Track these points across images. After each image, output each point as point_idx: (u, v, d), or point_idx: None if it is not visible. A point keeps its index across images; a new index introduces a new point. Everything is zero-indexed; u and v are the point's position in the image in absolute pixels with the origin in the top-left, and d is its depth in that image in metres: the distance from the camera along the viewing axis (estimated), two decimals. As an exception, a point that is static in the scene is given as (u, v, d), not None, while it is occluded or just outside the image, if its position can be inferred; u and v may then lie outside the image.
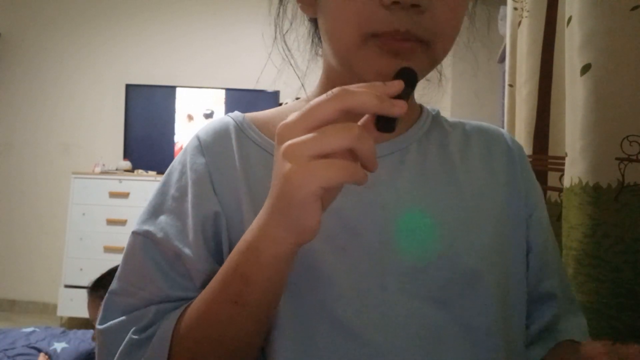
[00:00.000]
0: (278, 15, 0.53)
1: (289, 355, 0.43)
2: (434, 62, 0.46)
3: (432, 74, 0.57)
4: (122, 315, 0.46)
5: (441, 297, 0.45)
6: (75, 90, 3.42)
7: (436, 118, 0.57)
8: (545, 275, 0.52)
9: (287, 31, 0.54)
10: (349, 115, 0.34)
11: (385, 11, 0.41)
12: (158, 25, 3.42)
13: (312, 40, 0.56)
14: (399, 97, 0.36)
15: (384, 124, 0.35)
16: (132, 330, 0.44)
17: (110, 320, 0.46)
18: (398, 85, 0.36)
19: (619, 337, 0.57)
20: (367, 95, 0.34)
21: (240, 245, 0.40)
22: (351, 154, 0.33)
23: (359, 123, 0.36)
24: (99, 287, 1.38)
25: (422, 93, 0.57)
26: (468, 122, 0.58)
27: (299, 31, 0.55)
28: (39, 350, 1.84)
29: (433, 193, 0.49)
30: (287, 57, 0.54)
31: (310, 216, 0.34)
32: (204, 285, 0.45)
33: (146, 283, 0.46)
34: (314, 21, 0.54)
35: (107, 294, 0.48)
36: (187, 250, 0.46)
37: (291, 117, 0.35)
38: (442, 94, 0.61)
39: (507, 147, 0.55)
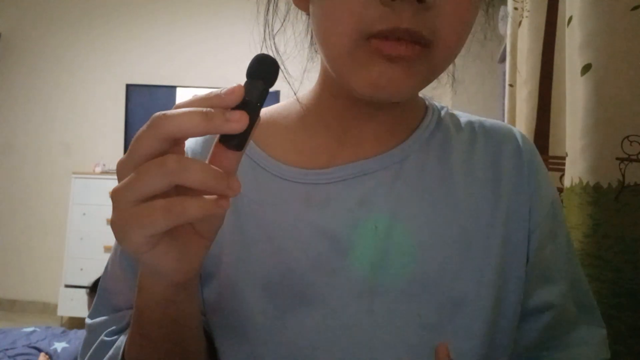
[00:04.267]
0: (268, 11, 0.47)
1: None
2: (432, 72, 0.40)
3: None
4: (107, 314, 0.47)
5: (429, 322, 0.43)
6: (75, 90, 3.42)
7: (441, 120, 0.51)
8: (538, 287, 0.48)
9: (277, 31, 0.48)
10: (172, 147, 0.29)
11: (384, 8, 0.35)
12: (159, 26, 3.42)
13: (311, 38, 0.51)
14: (247, 103, 0.29)
15: (230, 140, 0.29)
16: (105, 331, 0.45)
17: (96, 317, 0.47)
18: (238, 92, 0.29)
19: (619, 337, 0.57)
20: (186, 116, 0.27)
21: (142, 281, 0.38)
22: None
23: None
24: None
25: (423, 93, 0.55)
26: (480, 121, 0.52)
27: (296, 27, 0.50)
28: (40, 350, 1.84)
29: (430, 213, 0.45)
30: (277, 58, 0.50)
31: (157, 263, 0.30)
32: None
33: (124, 287, 0.46)
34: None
35: (98, 289, 0.49)
36: None
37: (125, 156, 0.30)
38: (442, 94, 0.58)
39: (518, 149, 0.50)
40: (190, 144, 0.48)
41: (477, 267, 0.45)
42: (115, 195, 0.28)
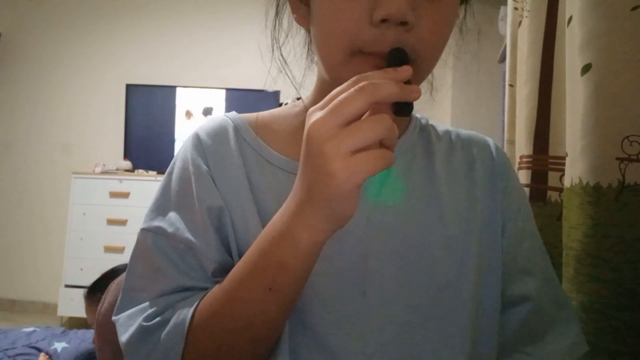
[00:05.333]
0: (274, 27, 0.55)
1: None
2: (420, 78, 0.48)
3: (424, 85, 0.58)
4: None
5: (418, 305, 0.48)
6: (75, 90, 3.42)
7: (424, 128, 0.58)
8: (514, 280, 0.53)
9: (282, 43, 0.55)
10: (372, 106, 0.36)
11: (374, 29, 0.42)
12: (159, 26, 3.42)
13: (308, 50, 0.57)
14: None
15: (403, 109, 0.38)
16: (141, 317, 0.45)
17: (123, 311, 0.48)
18: (407, 71, 0.38)
19: (619, 337, 0.57)
20: (390, 85, 0.36)
21: (271, 234, 0.41)
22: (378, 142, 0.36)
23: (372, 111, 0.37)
24: (96, 291, 1.38)
25: (423, 93, 0.58)
26: (456, 131, 0.60)
27: (296, 40, 0.56)
28: (40, 350, 1.84)
29: (416, 207, 0.51)
30: (283, 68, 0.55)
31: (351, 205, 0.36)
32: (215, 274, 0.47)
33: (158, 276, 0.47)
34: (309, 31, 0.55)
35: (121, 291, 0.49)
36: (198, 241, 0.47)
37: (318, 115, 0.36)
38: (443, 94, 0.62)
39: (491, 158, 0.57)
40: (203, 135, 0.53)
41: (459, 255, 0.50)
42: (332, 148, 0.34)
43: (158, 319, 0.45)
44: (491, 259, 0.52)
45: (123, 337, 0.46)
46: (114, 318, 0.48)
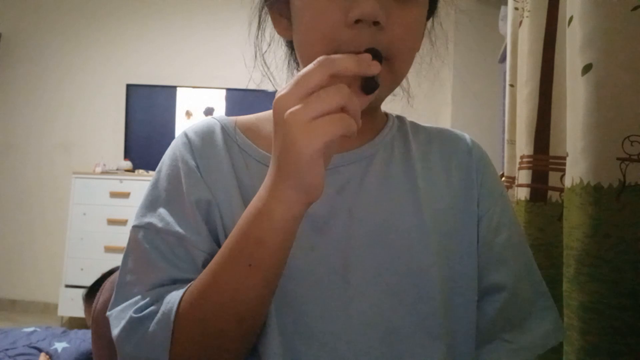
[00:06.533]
0: (257, 37, 0.59)
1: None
2: (396, 77, 0.51)
3: (430, 77, 0.62)
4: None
5: (395, 290, 0.50)
6: (76, 90, 3.42)
7: (401, 125, 0.61)
8: (491, 269, 0.55)
9: (265, 51, 0.59)
10: (333, 81, 0.38)
11: (349, 31, 0.45)
12: (159, 26, 3.42)
13: (289, 62, 0.61)
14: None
15: (369, 86, 0.41)
16: (132, 310, 0.46)
17: (116, 307, 0.49)
18: (375, 65, 0.41)
19: (619, 337, 0.57)
20: (347, 59, 0.39)
21: (249, 211, 0.43)
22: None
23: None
24: (94, 292, 1.38)
25: (424, 94, 0.60)
26: (432, 127, 0.63)
27: (277, 53, 0.61)
28: (40, 350, 1.84)
29: (395, 199, 0.54)
30: (267, 74, 0.59)
31: (316, 173, 0.38)
32: (205, 265, 0.47)
33: (149, 270, 0.48)
34: (290, 44, 0.59)
35: (114, 288, 0.50)
36: (188, 233, 0.49)
37: (284, 89, 0.39)
38: (442, 94, 0.63)
39: (467, 151, 0.60)
40: (192, 135, 0.55)
41: (434, 242, 0.52)
42: (293, 115, 0.37)
43: (148, 309, 0.46)
44: (465, 248, 0.55)
45: (115, 331, 0.46)
46: (107, 313, 0.49)
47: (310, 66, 0.39)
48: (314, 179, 0.39)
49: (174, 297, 0.45)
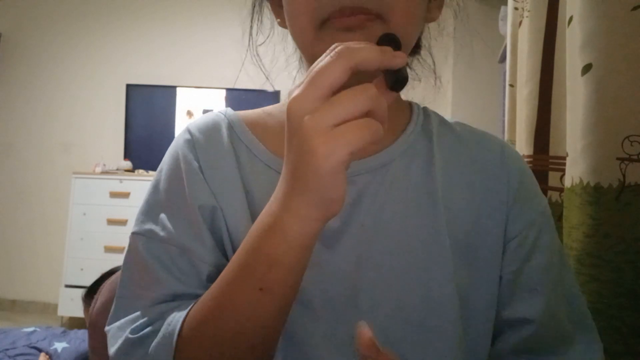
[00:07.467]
0: (252, 28, 0.56)
1: None
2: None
3: (430, 77, 0.57)
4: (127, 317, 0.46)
5: (410, 317, 0.45)
6: (76, 90, 3.42)
7: (426, 124, 0.53)
8: (515, 300, 0.49)
9: (261, 44, 0.56)
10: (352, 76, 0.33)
11: None
12: (159, 26, 3.42)
13: (300, 59, 0.58)
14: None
15: (398, 81, 0.35)
16: (129, 329, 0.43)
17: (116, 322, 0.46)
18: (401, 56, 0.35)
19: (619, 337, 0.57)
20: (368, 49, 0.33)
21: (258, 227, 0.37)
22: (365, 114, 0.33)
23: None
24: (93, 292, 1.38)
25: (424, 94, 0.58)
26: (463, 127, 0.55)
27: (276, 50, 0.57)
28: (40, 350, 1.84)
29: (412, 215, 0.48)
30: (259, 65, 0.56)
31: (338, 187, 0.33)
32: (210, 279, 0.43)
33: (151, 283, 0.45)
34: None
35: (114, 299, 0.47)
36: (192, 243, 0.45)
37: (298, 89, 0.33)
38: (442, 94, 0.61)
39: (500, 163, 0.52)
40: (195, 131, 0.51)
41: (447, 266, 0.46)
42: (312, 123, 0.31)
43: (148, 329, 0.42)
44: (481, 272, 0.48)
45: (111, 350, 0.43)
46: (106, 329, 0.46)
47: (326, 58, 0.33)
48: (335, 194, 0.33)
49: (175, 319, 0.41)
